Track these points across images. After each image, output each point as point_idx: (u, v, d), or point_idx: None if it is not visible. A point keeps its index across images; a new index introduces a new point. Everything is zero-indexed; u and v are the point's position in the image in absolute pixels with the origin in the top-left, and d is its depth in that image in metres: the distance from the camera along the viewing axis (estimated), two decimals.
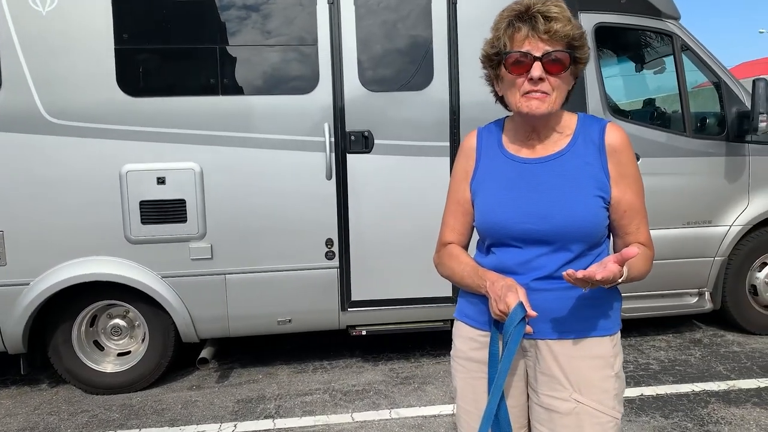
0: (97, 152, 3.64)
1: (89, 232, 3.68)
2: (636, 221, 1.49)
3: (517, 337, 1.37)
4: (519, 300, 1.38)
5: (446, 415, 3.43)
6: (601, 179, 1.46)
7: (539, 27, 1.37)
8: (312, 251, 3.87)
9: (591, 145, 1.48)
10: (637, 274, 1.45)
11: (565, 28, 1.38)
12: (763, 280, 4.49)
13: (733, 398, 3.53)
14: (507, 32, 1.42)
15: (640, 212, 1.50)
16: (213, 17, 3.70)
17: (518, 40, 1.40)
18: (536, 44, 1.39)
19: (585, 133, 1.50)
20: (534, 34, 1.38)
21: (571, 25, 1.40)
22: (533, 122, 1.48)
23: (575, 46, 1.42)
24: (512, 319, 1.37)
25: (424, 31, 3.85)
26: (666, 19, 4.29)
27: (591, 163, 1.47)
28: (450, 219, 1.64)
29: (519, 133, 1.55)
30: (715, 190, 4.30)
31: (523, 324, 1.38)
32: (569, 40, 1.40)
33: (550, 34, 1.37)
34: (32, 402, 3.86)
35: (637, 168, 1.50)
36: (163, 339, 3.92)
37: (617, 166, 1.47)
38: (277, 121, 3.76)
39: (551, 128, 1.51)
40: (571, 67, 1.43)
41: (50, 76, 3.57)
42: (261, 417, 3.52)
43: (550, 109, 1.42)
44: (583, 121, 1.53)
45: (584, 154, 1.48)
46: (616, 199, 1.47)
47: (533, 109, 1.41)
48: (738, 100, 4.32)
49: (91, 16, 3.58)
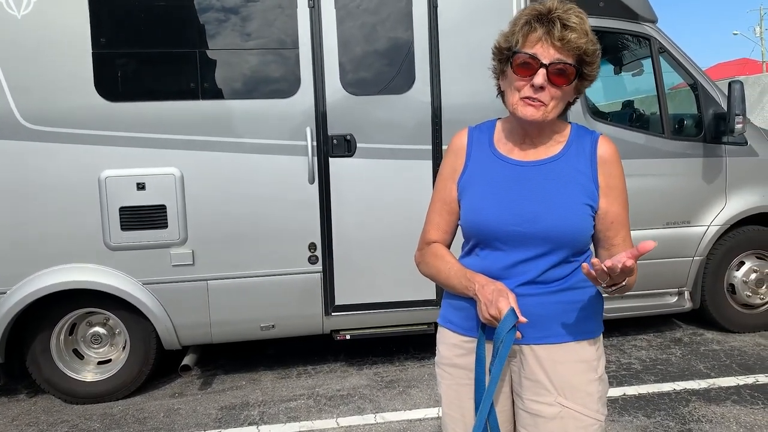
0: (75, 158, 3.58)
1: (68, 239, 3.62)
2: (622, 233, 1.50)
3: (508, 344, 1.37)
4: (510, 306, 1.38)
5: (431, 419, 3.43)
6: (590, 188, 1.47)
7: (555, 33, 1.36)
8: (295, 256, 3.85)
9: (583, 154, 1.49)
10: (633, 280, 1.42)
11: (579, 40, 1.37)
12: (740, 279, 4.56)
13: (713, 396, 3.58)
14: (522, 30, 1.41)
15: (625, 225, 1.51)
16: (192, 20, 3.67)
17: (531, 41, 1.39)
18: (547, 49, 1.38)
19: (578, 142, 1.51)
20: (548, 39, 1.37)
21: (586, 39, 1.38)
22: (525, 127, 1.49)
23: (586, 61, 1.41)
24: (504, 325, 1.36)
25: (405, 33, 3.86)
26: (643, 22, 4.35)
27: (582, 172, 1.47)
28: (435, 217, 1.63)
29: (512, 136, 1.55)
30: (693, 191, 4.37)
31: (514, 330, 1.38)
32: (581, 54, 1.39)
33: (563, 42, 1.36)
34: (10, 413, 3.79)
35: (624, 182, 1.51)
36: (144, 346, 3.87)
37: (607, 177, 1.48)
38: (259, 125, 3.73)
39: (545, 134, 1.52)
40: (575, 81, 1.43)
41: (26, 81, 3.51)
42: (245, 424, 3.49)
43: (544, 118, 1.42)
44: (576, 131, 1.54)
45: (576, 163, 1.48)
46: (603, 210, 1.48)
47: (527, 116, 1.42)
48: (714, 102, 4.39)
49: (67, 19, 3.52)
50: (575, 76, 1.41)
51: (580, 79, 1.44)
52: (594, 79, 1.47)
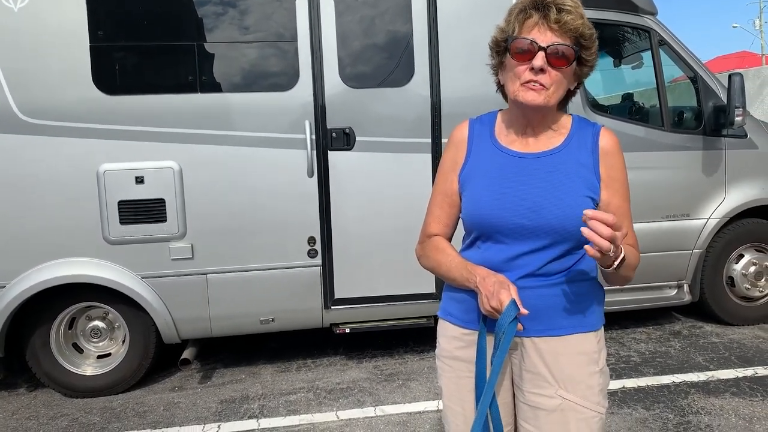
0: (74, 152, 3.57)
1: (66, 233, 3.61)
2: (624, 225, 1.50)
3: (510, 335, 1.37)
4: (512, 298, 1.37)
5: (431, 412, 3.44)
6: (592, 181, 1.46)
7: (551, 16, 1.38)
8: (294, 249, 3.85)
9: (584, 146, 1.49)
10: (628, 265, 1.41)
11: (575, 22, 1.38)
12: (740, 271, 4.57)
13: (712, 388, 3.59)
14: (519, 17, 1.42)
15: (627, 216, 1.51)
16: (191, 13, 3.65)
17: (528, 27, 1.41)
18: (545, 33, 1.39)
19: (579, 135, 1.51)
20: (544, 23, 1.39)
21: (582, 21, 1.40)
22: (528, 114, 1.48)
23: (583, 45, 1.42)
24: (506, 317, 1.36)
25: (404, 26, 3.84)
26: (643, 14, 4.33)
27: (583, 164, 1.47)
28: (436, 210, 1.62)
29: (514, 127, 1.54)
30: (692, 184, 4.36)
31: (516, 322, 1.37)
32: (578, 36, 1.40)
33: (560, 24, 1.38)
34: (10, 407, 3.79)
35: (625, 174, 1.51)
36: (143, 340, 3.87)
37: (608, 169, 1.48)
38: (258, 118, 3.72)
39: (547, 125, 1.52)
40: (574, 65, 1.43)
41: (24, 75, 3.50)
42: (245, 417, 3.49)
43: (546, 102, 1.42)
44: (578, 123, 1.54)
45: (578, 155, 1.48)
46: (605, 202, 1.48)
47: (528, 100, 1.41)
48: (714, 94, 4.37)
49: (65, 12, 3.50)
50: (574, 58, 1.41)
51: (579, 64, 1.45)
52: (593, 65, 1.47)
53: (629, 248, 1.45)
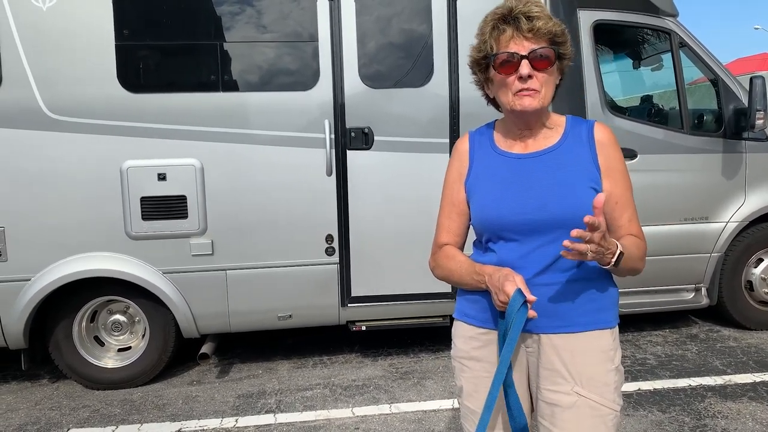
0: (98, 148, 3.65)
1: (90, 228, 3.69)
2: (627, 214, 1.54)
3: (519, 323, 1.38)
4: (517, 287, 1.40)
5: (446, 410, 3.46)
6: (592, 172, 1.51)
7: (522, 26, 1.44)
8: (312, 247, 3.89)
9: (580, 141, 1.54)
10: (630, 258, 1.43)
11: (547, 25, 1.45)
12: (759, 276, 4.53)
13: (729, 393, 3.57)
14: (492, 35, 1.49)
15: (630, 205, 1.55)
16: (213, 13, 3.70)
17: (504, 42, 1.47)
18: (521, 43, 1.45)
19: (574, 131, 1.56)
20: (518, 34, 1.45)
21: (552, 22, 1.47)
22: (527, 119, 1.53)
23: (558, 42, 1.48)
24: (512, 306, 1.38)
25: (423, 26, 3.86)
26: (664, 16, 4.31)
27: (582, 157, 1.52)
28: (445, 221, 1.67)
29: (511, 132, 1.59)
30: (712, 187, 4.33)
31: (525, 309, 1.39)
32: (552, 37, 1.47)
33: (533, 32, 1.44)
34: (33, 397, 3.88)
35: (624, 164, 1.56)
36: (163, 335, 3.93)
37: (607, 159, 1.53)
38: (278, 117, 3.77)
39: (542, 125, 1.57)
40: (556, 62, 1.49)
41: (51, 72, 3.58)
42: (262, 412, 3.54)
43: (542, 104, 1.48)
44: (572, 121, 1.59)
45: (575, 150, 1.53)
46: (607, 192, 1.51)
47: (526, 106, 1.47)
48: (735, 97, 4.34)
49: (91, 12, 3.58)
50: (555, 56, 1.48)
51: (559, 59, 1.51)
52: (571, 56, 1.53)
53: (631, 239, 1.49)
